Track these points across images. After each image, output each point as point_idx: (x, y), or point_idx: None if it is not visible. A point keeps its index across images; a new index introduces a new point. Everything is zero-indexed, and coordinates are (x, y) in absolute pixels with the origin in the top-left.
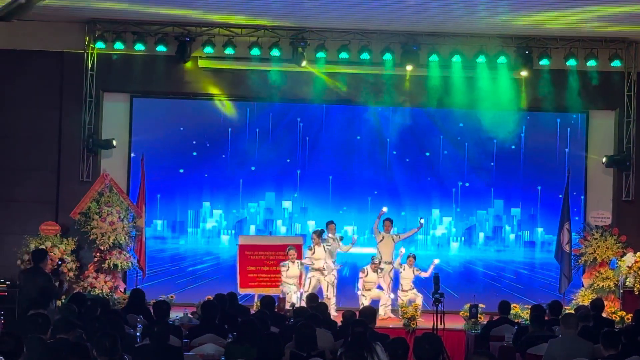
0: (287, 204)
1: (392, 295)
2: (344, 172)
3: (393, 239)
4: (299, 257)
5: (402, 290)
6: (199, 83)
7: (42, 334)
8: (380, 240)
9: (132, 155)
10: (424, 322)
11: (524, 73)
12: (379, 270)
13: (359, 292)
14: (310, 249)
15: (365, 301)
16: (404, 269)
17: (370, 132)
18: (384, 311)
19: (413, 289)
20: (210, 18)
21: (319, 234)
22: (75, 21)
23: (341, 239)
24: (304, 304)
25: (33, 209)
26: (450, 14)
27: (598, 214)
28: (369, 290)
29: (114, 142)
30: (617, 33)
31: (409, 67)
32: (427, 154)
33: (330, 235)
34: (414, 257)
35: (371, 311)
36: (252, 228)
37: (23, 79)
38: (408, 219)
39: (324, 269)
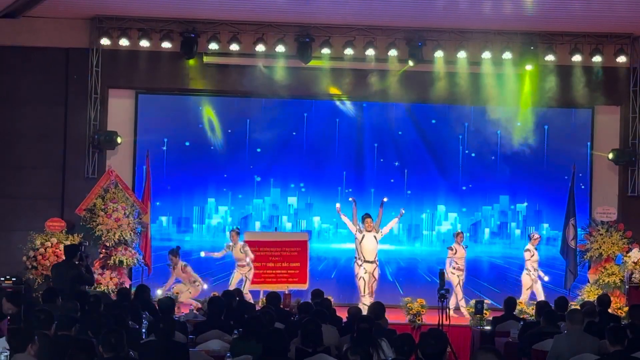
0: (292, 200)
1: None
2: (350, 169)
3: (375, 237)
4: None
5: (459, 269)
6: (203, 79)
7: (46, 329)
8: (362, 239)
9: (137, 151)
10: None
11: (529, 68)
12: (463, 246)
13: (447, 269)
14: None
15: (456, 280)
16: (455, 251)
17: (376, 128)
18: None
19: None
20: (215, 14)
21: None
22: (81, 18)
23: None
24: None
25: (38, 206)
26: (455, 10)
27: (603, 209)
28: (462, 270)
29: (119, 139)
30: (622, 28)
31: (411, 63)
32: (434, 150)
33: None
34: (462, 234)
35: (380, 307)
36: (257, 224)
37: (29, 75)
38: (413, 215)
39: None
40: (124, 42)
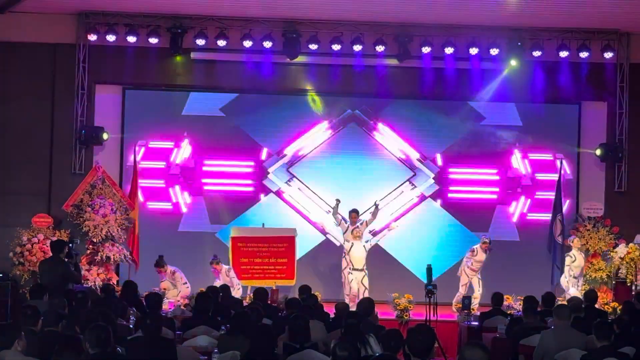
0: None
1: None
2: (336, 166)
3: (365, 247)
4: None
5: (473, 271)
6: (191, 75)
7: (32, 325)
8: (350, 248)
9: (124, 147)
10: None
11: (515, 64)
12: (488, 251)
13: (462, 270)
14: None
15: (466, 279)
16: (477, 253)
17: (362, 124)
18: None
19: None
20: (202, 10)
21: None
22: (68, 13)
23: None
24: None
25: (25, 201)
26: (442, 5)
27: (590, 205)
28: (475, 271)
29: (106, 135)
30: (609, 24)
31: (401, 59)
32: (419, 144)
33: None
34: (489, 242)
35: (369, 303)
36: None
37: (15, 71)
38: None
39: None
40: (111, 37)
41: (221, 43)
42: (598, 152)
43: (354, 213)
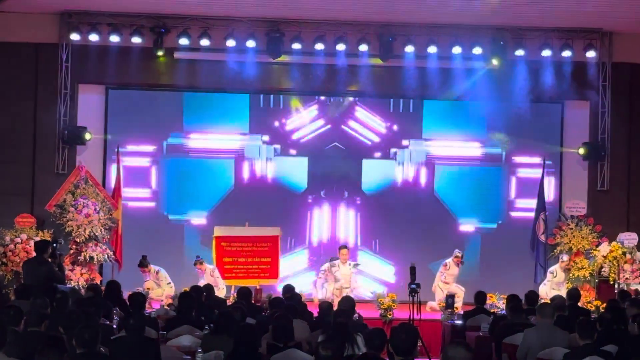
0: None
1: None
2: (318, 163)
3: (351, 271)
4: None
5: (446, 283)
6: (174, 74)
7: (15, 325)
8: (335, 272)
9: (107, 147)
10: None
11: (498, 63)
12: (460, 265)
13: (436, 285)
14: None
15: (441, 294)
16: (449, 267)
17: (343, 123)
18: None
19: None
20: (185, 9)
21: None
22: (50, 13)
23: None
24: None
25: (8, 202)
26: (425, 4)
27: (573, 203)
28: (448, 284)
29: (89, 134)
30: (591, 23)
31: (385, 58)
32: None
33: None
34: (462, 256)
35: (351, 302)
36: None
37: None
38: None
39: None
40: (93, 37)
41: (204, 43)
42: (581, 151)
43: (344, 249)
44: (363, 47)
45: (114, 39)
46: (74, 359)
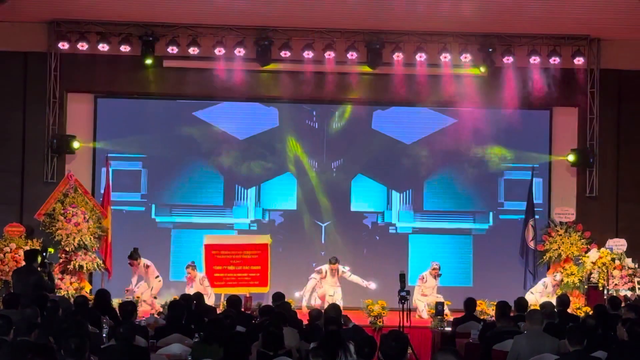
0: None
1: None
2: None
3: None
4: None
5: (424, 295)
6: (163, 82)
7: (4, 335)
8: (323, 277)
9: (97, 155)
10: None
11: (485, 70)
12: (437, 277)
13: (415, 298)
14: None
15: (422, 308)
16: (426, 280)
17: (331, 130)
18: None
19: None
20: (174, 17)
21: None
22: (39, 21)
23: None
24: None
25: None
26: (413, 12)
27: (562, 210)
28: (426, 296)
29: (78, 143)
30: (579, 30)
31: (373, 66)
32: (390, 152)
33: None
34: (439, 268)
35: (338, 310)
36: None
37: None
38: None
39: None
40: (82, 45)
41: (193, 51)
42: (570, 157)
43: (336, 264)
44: (351, 55)
45: (103, 47)
46: None
